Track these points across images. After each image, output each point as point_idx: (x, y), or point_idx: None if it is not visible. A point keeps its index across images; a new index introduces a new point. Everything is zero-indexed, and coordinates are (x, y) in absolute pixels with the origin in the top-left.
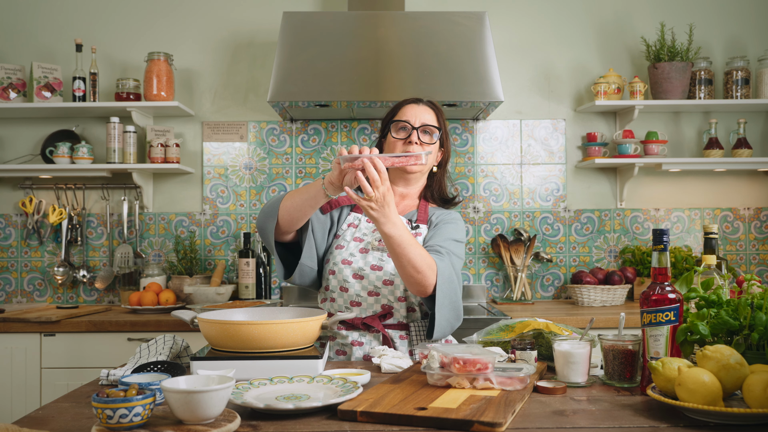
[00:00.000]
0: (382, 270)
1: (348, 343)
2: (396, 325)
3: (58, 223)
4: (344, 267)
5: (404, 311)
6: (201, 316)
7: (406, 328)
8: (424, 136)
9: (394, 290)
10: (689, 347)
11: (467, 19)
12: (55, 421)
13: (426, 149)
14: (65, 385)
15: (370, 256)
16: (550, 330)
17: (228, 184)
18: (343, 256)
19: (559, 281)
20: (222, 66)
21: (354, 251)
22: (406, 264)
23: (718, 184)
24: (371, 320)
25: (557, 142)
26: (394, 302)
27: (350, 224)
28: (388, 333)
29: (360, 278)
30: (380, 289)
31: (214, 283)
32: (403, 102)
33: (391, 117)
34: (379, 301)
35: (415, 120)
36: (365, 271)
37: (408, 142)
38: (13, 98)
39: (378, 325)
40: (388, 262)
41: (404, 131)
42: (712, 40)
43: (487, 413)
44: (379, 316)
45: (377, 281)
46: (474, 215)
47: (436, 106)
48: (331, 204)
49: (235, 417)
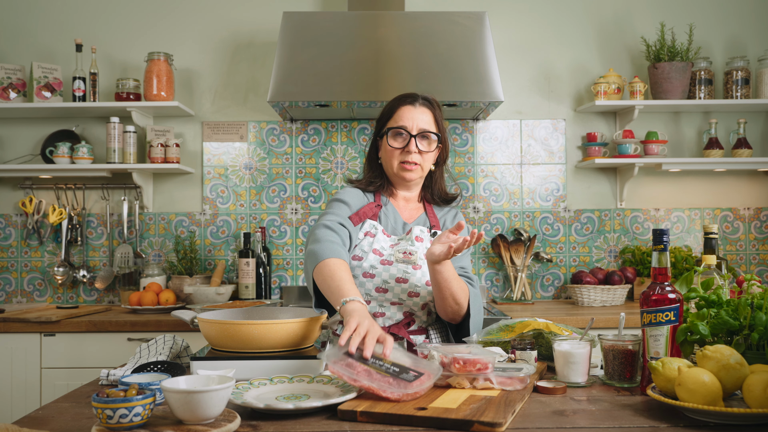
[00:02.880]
0: (408, 282)
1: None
2: (417, 330)
3: (58, 223)
4: (366, 280)
5: (425, 317)
6: (201, 316)
7: (425, 332)
8: (422, 142)
9: (419, 301)
10: (689, 347)
11: (467, 19)
12: (55, 421)
13: (424, 156)
14: (65, 385)
15: (393, 268)
16: (550, 330)
17: (228, 184)
18: (363, 268)
19: (559, 281)
20: (222, 66)
21: (375, 263)
22: (449, 297)
23: (718, 184)
24: (397, 329)
25: (557, 142)
26: (417, 310)
27: (367, 233)
28: (413, 339)
29: (384, 291)
30: (404, 300)
31: (214, 283)
32: (398, 102)
33: (386, 119)
34: (401, 309)
35: (413, 126)
36: (390, 284)
37: (406, 151)
38: (13, 98)
39: (404, 334)
40: (413, 274)
41: (402, 138)
42: (712, 40)
43: (487, 413)
44: (403, 324)
45: (402, 294)
46: (474, 215)
47: (433, 104)
48: (360, 216)
49: (235, 417)
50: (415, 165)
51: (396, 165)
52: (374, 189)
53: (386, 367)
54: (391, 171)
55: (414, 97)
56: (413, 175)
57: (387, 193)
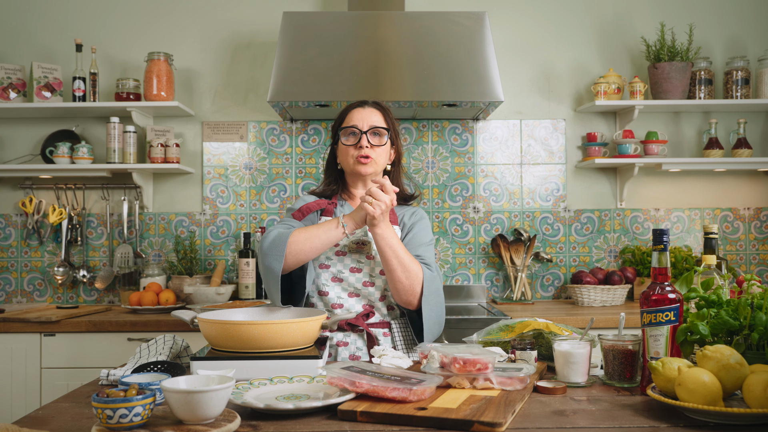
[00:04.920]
0: (362, 272)
1: (333, 345)
2: (378, 323)
3: (58, 223)
4: (322, 271)
5: (385, 310)
6: (201, 316)
7: (388, 326)
8: (373, 138)
9: (375, 291)
10: (689, 347)
11: (467, 19)
12: (55, 421)
13: (376, 151)
14: (65, 385)
15: (347, 258)
16: (550, 330)
17: (228, 184)
18: (319, 260)
19: (559, 281)
20: (222, 66)
21: (330, 254)
22: (397, 267)
23: (718, 184)
24: (355, 320)
25: (557, 142)
26: (375, 301)
27: None
28: (372, 331)
29: (339, 281)
30: (360, 290)
31: (214, 283)
32: (348, 107)
33: (339, 123)
34: (360, 302)
35: (363, 124)
36: (344, 273)
37: (359, 146)
38: (13, 98)
39: (362, 324)
40: (366, 264)
41: (353, 136)
42: (712, 40)
43: (487, 413)
44: (361, 315)
45: (357, 283)
46: (474, 215)
47: (383, 107)
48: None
49: (235, 417)
50: (369, 158)
51: (352, 161)
52: (330, 193)
53: (387, 376)
54: (349, 168)
55: (364, 101)
56: (368, 169)
57: (345, 195)
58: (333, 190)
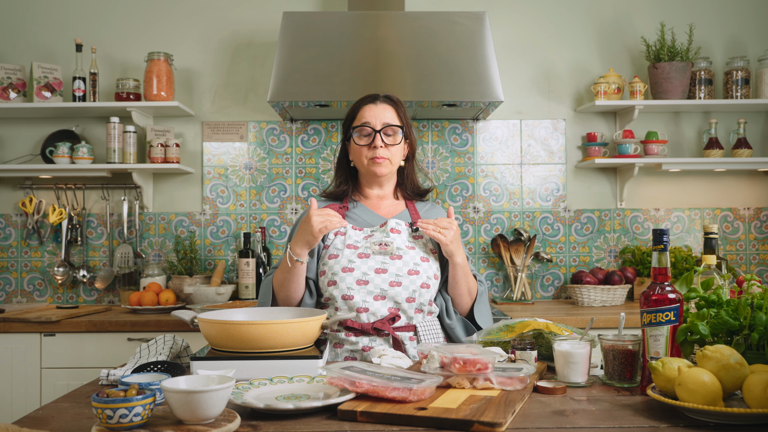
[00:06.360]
0: (387, 272)
1: (359, 349)
2: (404, 327)
3: (58, 223)
4: (346, 275)
5: (412, 312)
6: (201, 316)
7: (413, 329)
8: (387, 137)
9: (402, 291)
10: (689, 347)
11: (467, 19)
12: (55, 421)
13: (390, 150)
14: (65, 385)
15: (371, 260)
16: (550, 330)
17: (228, 184)
18: (341, 264)
19: (559, 281)
20: (222, 66)
21: (352, 257)
22: (466, 291)
23: (718, 184)
24: (381, 324)
25: (557, 142)
26: (402, 303)
27: (337, 232)
28: (398, 335)
29: (365, 283)
30: (386, 292)
31: (214, 283)
32: (360, 103)
33: (351, 120)
34: (386, 305)
35: (376, 122)
36: (369, 275)
37: (372, 147)
38: (13, 98)
39: (388, 328)
40: (391, 264)
41: (367, 136)
42: (712, 40)
43: (487, 413)
44: (387, 319)
45: (383, 284)
46: (474, 215)
47: (395, 101)
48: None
49: (235, 417)
50: (384, 159)
51: (366, 162)
52: (341, 194)
53: (387, 376)
54: (363, 169)
55: (375, 96)
56: (383, 170)
57: (357, 195)
58: (344, 191)
